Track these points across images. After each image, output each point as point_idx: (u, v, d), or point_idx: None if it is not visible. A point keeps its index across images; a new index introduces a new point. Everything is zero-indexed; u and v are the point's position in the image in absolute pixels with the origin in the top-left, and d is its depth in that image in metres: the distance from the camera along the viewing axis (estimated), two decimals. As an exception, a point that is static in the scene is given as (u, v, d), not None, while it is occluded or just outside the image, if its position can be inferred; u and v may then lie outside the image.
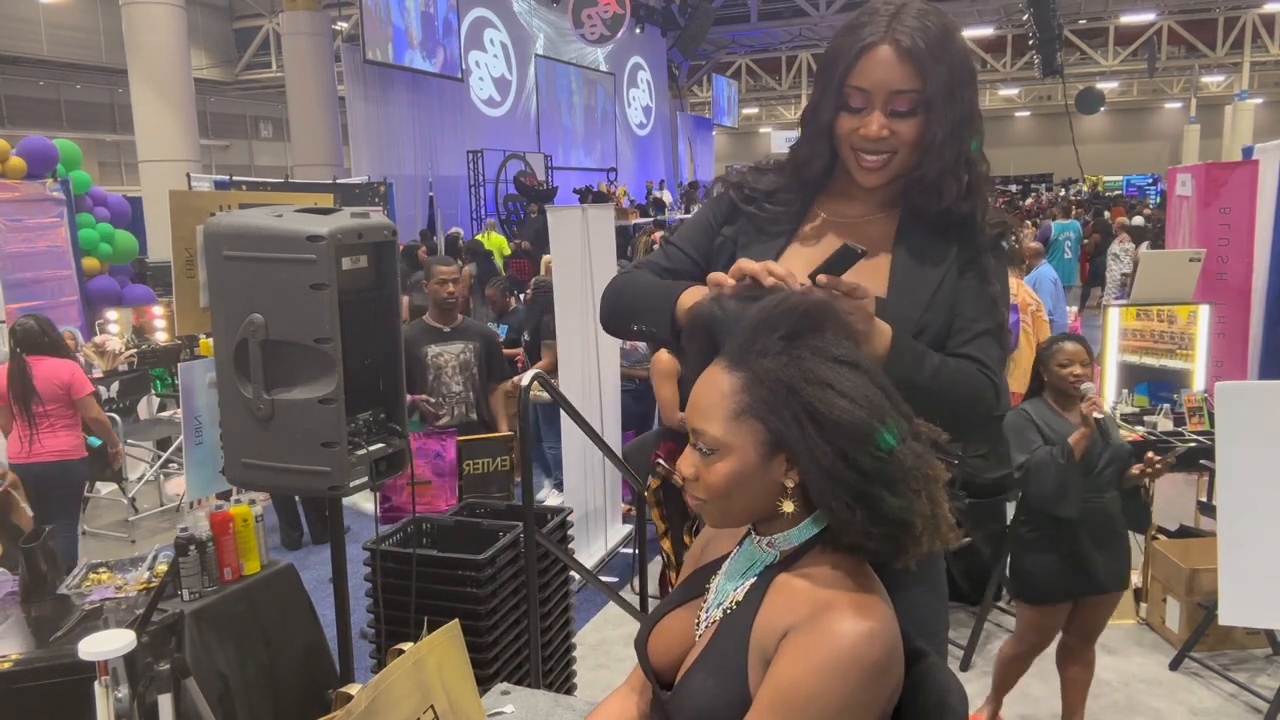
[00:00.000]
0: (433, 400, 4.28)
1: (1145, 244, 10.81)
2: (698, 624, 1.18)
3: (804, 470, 1.05)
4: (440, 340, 4.38)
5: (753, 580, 1.13)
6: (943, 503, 1.06)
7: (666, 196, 19.49)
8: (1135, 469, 3.04)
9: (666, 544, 4.01)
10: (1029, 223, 13.22)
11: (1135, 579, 4.26)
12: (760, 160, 1.59)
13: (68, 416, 4.62)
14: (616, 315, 1.50)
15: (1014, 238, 1.50)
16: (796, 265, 1.46)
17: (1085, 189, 25.47)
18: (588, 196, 15.38)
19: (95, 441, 5.37)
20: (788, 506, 1.08)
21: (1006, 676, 3.30)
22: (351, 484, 2.30)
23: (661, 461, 3.96)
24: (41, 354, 4.57)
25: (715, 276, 1.22)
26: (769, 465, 1.07)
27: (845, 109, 1.38)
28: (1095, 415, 2.88)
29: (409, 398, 4.01)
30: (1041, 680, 3.72)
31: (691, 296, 1.31)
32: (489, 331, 4.82)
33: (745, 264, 1.21)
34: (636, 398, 5.91)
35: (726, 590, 1.16)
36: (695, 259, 1.56)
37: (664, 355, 4.31)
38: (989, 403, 1.39)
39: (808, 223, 1.50)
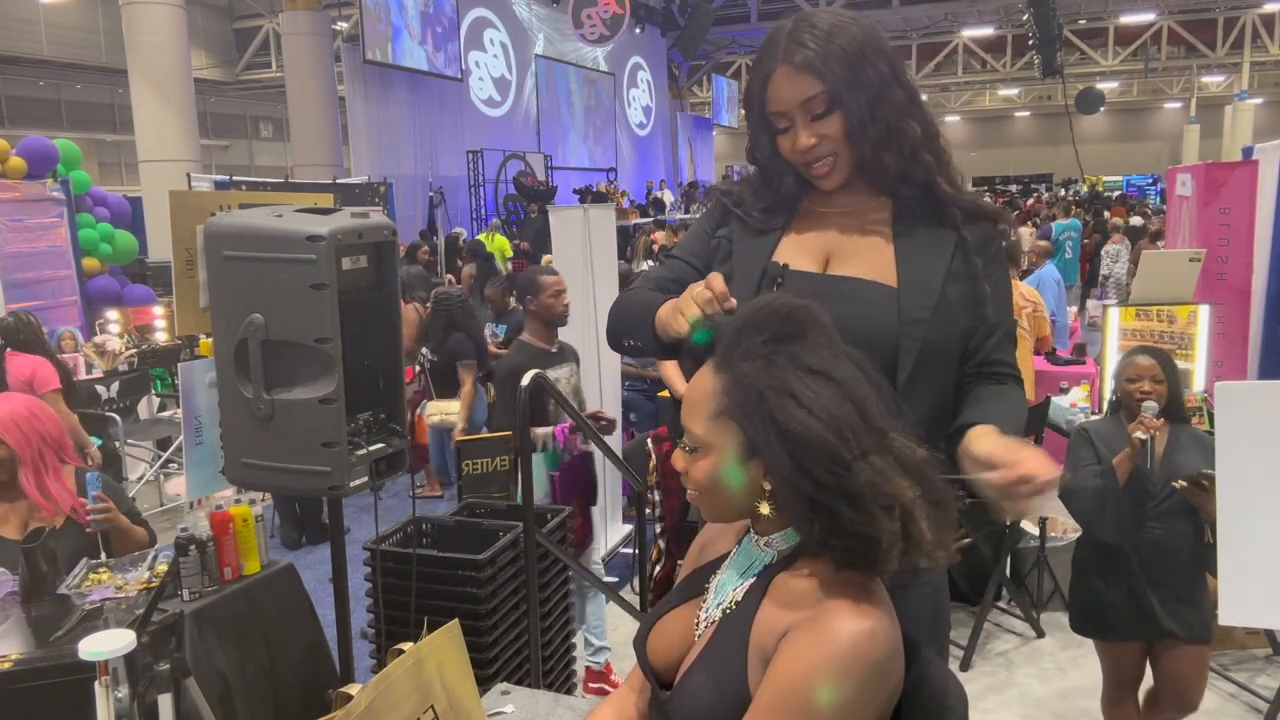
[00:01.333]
0: (606, 414, 3.86)
1: (1123, 244, 10.86)
2: (697, 624, 1.18)
3: (771, 476, 1.06)
4: (553, 364, 3.76)
5: (752, 580, 1.13)
6: (920, 520, 1.03)
7: (667, 196, 19.50)
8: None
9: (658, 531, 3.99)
10: (1030, 223, 13.22)
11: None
12: (748, 171, 1.64)
13: None
14: (613, 334, 1.57)
15: (1005, 227, 1.52)
16: (793, 256, 1.48)
17: (1084, 189, 25.47)
18: (587, 196, 15.39)
19: (96, 441, 5.38)
20: (764, 509, 1.08)
21: None
22: (351, 484, 2.30)
23: (648, 443, 3.95)
24: (17, 350, 4.73)
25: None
26: (747, 467, 1.07)
27: (777, 133, 1.47)
28: (1139, 435, 2.67)
29: (549, 429, 3.65)
30: (1041, 680, 3.72)
31: (665, 307, 1.36)
32: (573, 347, 4.36)
33: (714, 280, 1.26)
34: (649, 397, 5.94)
35: (726, 590, 1.16)
36: (696, 266, 1.60)
37: None
38: (1025, 408, 1.48)
39: (800, 216, 1.53)
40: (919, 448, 1.08)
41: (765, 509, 1.08)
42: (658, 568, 4.01)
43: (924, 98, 1.49)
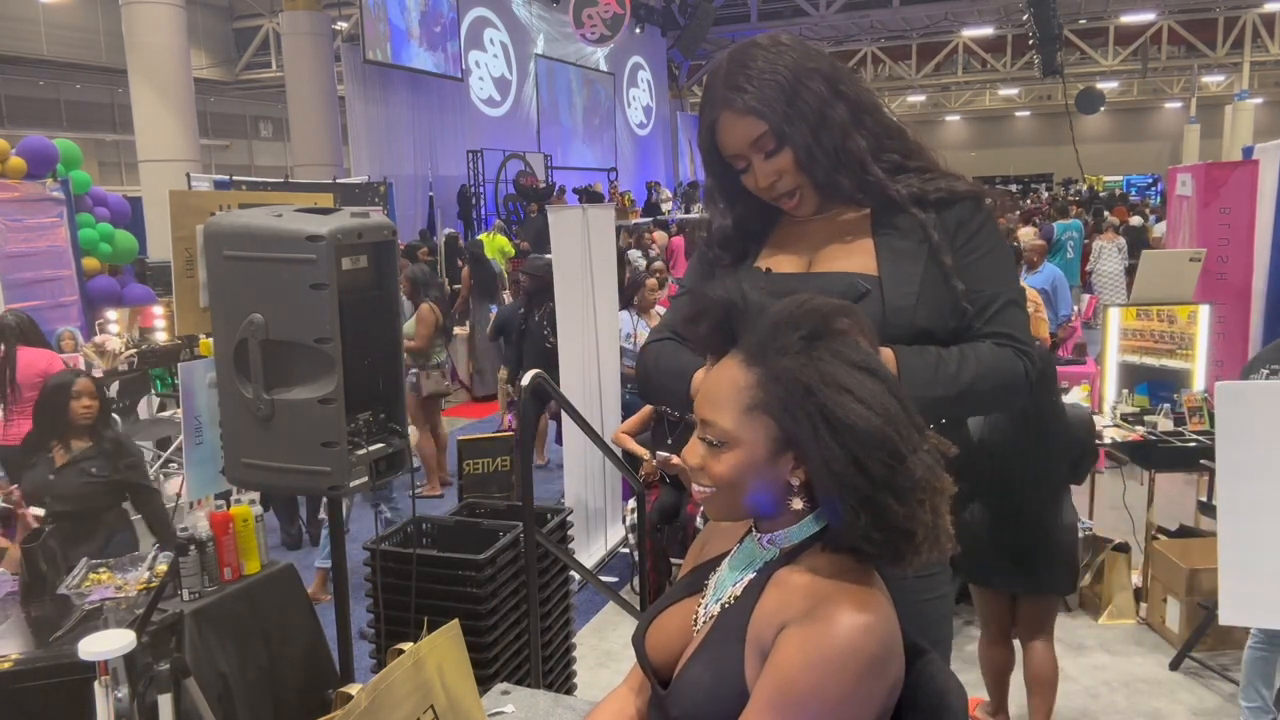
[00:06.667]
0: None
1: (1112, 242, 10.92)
2: (695, 620, 1.18)
3: (812, 471, 1.05)
4: None
5: (751, 575, 1.13)
6: (945, 514, 1.06)
7: (665, 193, 19.52)
8: None
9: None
10: (1032, 222, 13.17)
11: (1136, 579, 4.26)
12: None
13: None
14: (647, 391, 1.60)
15: (989, 201, 1.50)
16: (775, 261, 1.49)
17: (1084, 188, 25.44)
18: (584, 195, 15.40)
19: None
20: (796, 504, 1.08)
21: None
22: (351, 484, 2.30)
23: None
24: (26, 346, 4.82)
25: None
26: (776, 462, 1.07)
27: (740, 173, 1.48)
28: None
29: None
30: (1041, 680, 3.71)
31: (701, 376, 1.37)
32: None
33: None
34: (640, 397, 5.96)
35: (725, 586, 1.16)
36: None
37: None
38: (1022, 376, 1.41)
39: (779, 228, 1.54)
40: (948, 444, 1.10)
41: (797, 504, 1.08)
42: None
43: (866, 91, 1.47)
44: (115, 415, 5.84)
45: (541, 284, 5.99)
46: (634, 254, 11.28)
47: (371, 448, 2.36)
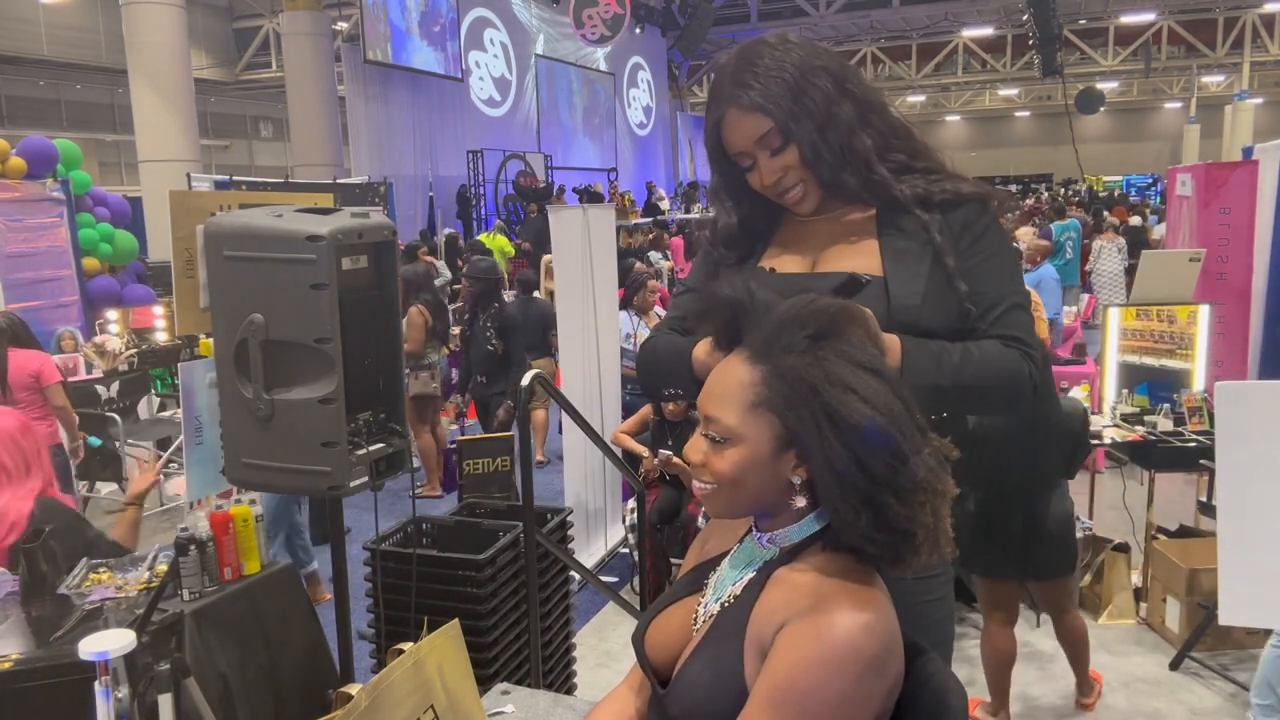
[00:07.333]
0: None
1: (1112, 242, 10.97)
2: (695, 619, 1.18)
3: (815, 470, 1.06)
4: None
5: (751, 575, 1.13)
6: (945, 516, 1.06)
7: (660, 194, 19.54)
8: None
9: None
10: (1032, 222, 13.18)
11: (1136, 579, 4.26)
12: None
13: (38, 407, 4.75)
14: (649, 383, 1.60)
15: (992, 201, 1.49)
16: (779, 262, 1.49)
17: (1084, 189, 25.45)
18: (584, 195, 15.41)
19: (96, 441, 5.38)
20: (797, 503, 1.09)
21: None
22: (351, 484, 2.30)
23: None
24: (18, 347, 4.74)
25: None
26: (778, 460, 1.07)
27: (745, 170, 1.48)
28: None
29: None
30: (1042, 680, 3.72)
31: (700, 349, 1.37)
32: None
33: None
34: (641, 397, 5.94)
35: (725, 585, 1.16)
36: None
37: None
38: (1025, 377, 1.41)
39: (784, 226, 1.54)
40: (950, 446, 1.10)
41: (800, 502, 1.09)
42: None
43: (873, 91, 1.47)
44: (115, 415, 5.85)
45: (486, 287, 5.93)
46: (654, 255, 11.30)
47: (371, 448, 2.36)
